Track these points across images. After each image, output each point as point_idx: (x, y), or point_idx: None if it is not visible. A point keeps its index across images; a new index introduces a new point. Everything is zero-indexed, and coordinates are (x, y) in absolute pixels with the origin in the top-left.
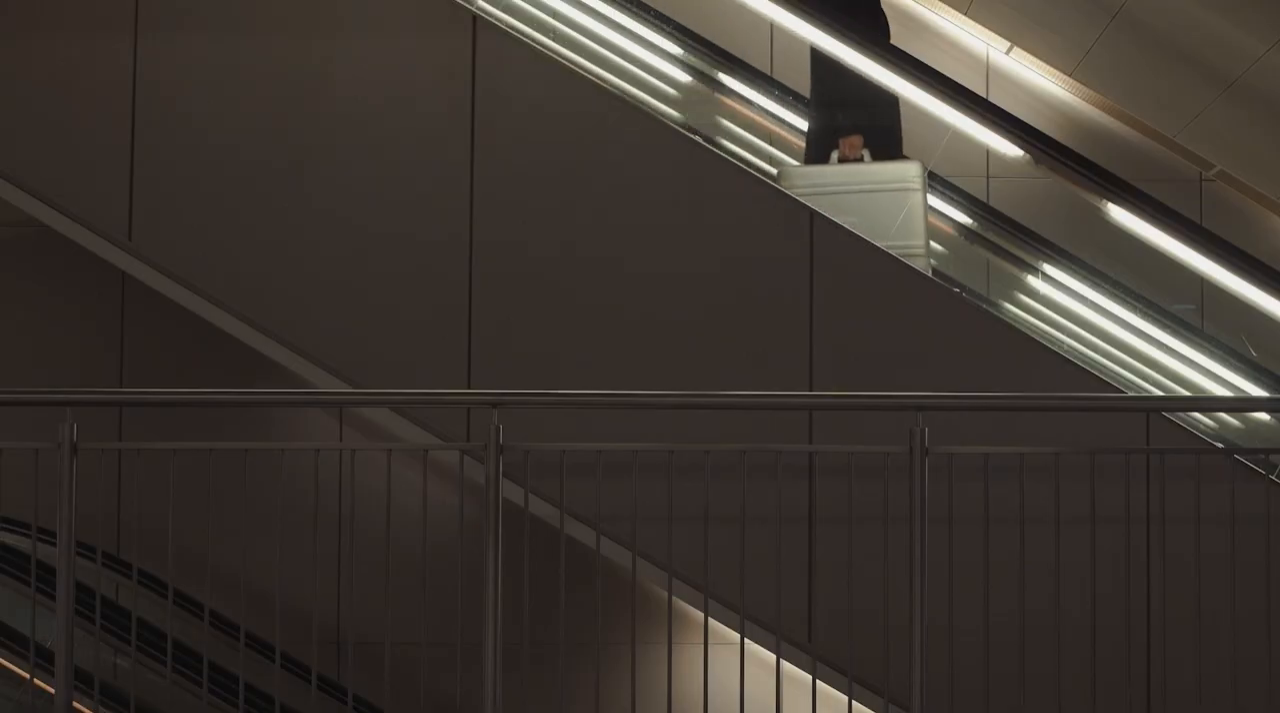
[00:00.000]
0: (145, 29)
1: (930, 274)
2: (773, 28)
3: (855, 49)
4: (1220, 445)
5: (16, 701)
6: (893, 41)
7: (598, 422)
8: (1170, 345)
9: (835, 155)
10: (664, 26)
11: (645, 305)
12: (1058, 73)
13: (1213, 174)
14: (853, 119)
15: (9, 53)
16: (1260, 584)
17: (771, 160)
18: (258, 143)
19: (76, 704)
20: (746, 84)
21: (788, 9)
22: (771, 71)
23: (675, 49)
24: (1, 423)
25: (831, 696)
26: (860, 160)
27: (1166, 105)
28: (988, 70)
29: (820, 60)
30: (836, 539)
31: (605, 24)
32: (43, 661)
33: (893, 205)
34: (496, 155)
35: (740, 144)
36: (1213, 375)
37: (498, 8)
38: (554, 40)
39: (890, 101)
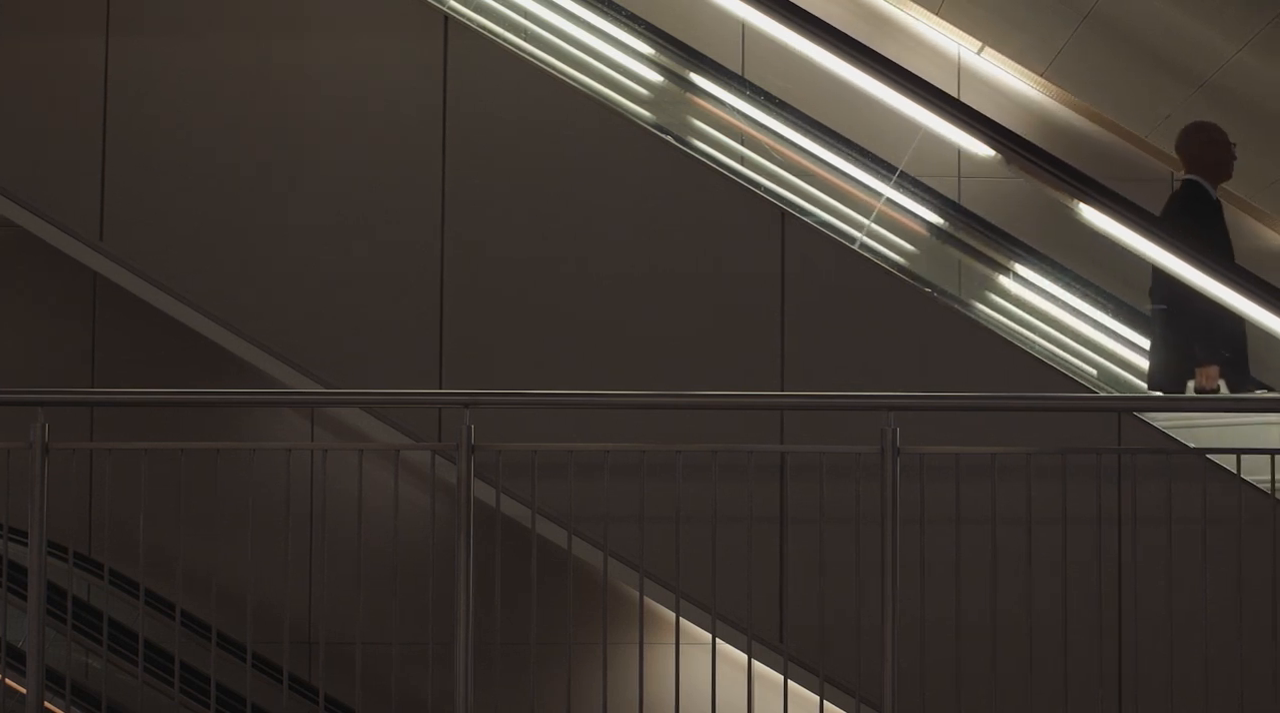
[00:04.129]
0: (116, 30)
1: None
2: (744, 27)
3: (826, 48)
4: (1191, 445)
5: None
6: (863, 41)
7: (569, 422)
8: (1141, 345)
9: (1191, 385)
10: (635, 26)
11: (617, 306)
12: (1029, 73)
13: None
14: (1208, 349)
15: None
16: (1231, 584)
17: (743, 160)
18: (229, 144)
19: (48, 705)
20: (718, 84)
21: (759, 9)
22: (743, 71)
23: (647, 49)
24: None
25: (803, 695)
26: (1217, 391)
27: (1137, 105)
28: (959, 70)
29: (1171, 285)
30: (808, 540)
31: (577, 24)
32: (14, 661)
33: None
34: (468, 156)
35: (712, 144)
36: None
37: (469, 8)
38: (526, 41)
39: (1240, 329)
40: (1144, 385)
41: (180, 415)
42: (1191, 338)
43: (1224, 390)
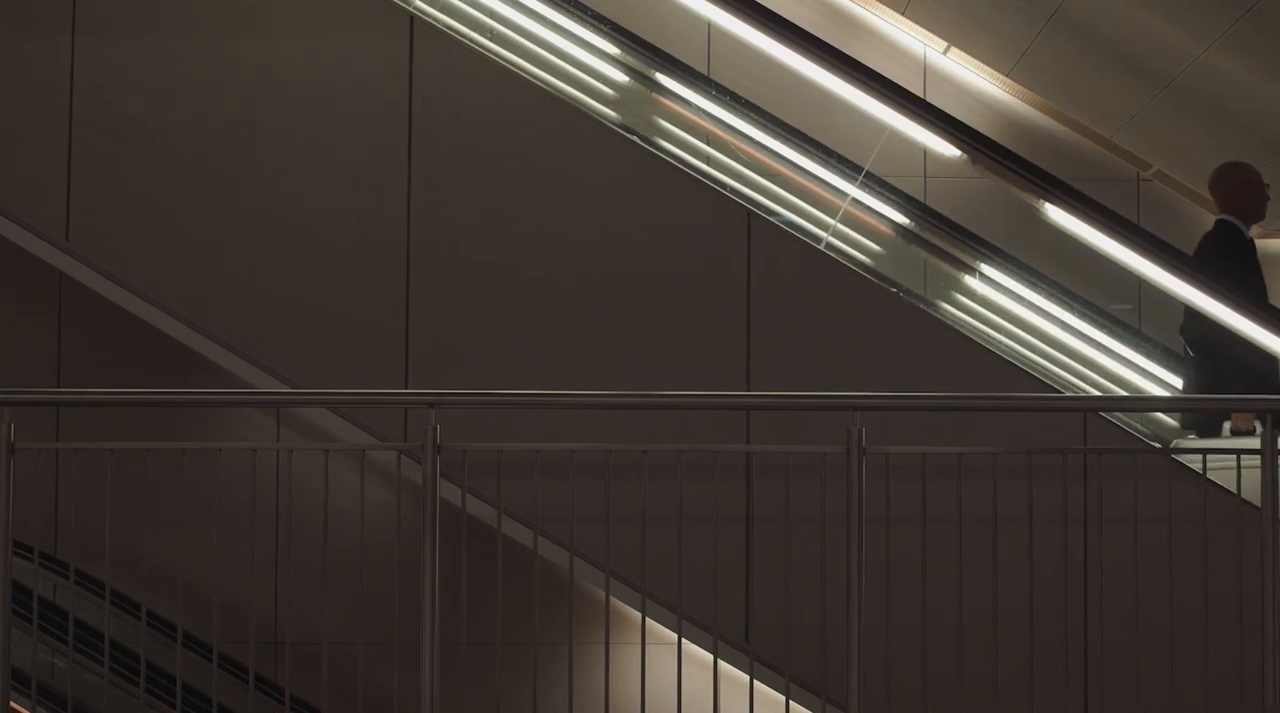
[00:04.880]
0: (83, 29)
1: None
2: (710, 28)
3: (792, 48)
4: (1157, 445)
5: None
6: (829, 41)
7: (535, 422)
8: (1108, 345)
9: (1228, 426)
10: (601, 26)
11: (583, 306)
12: (995, 73)
13: (1150, 174)
14: (1242, 389)
15: None
16: (1197, 583)
17: (709, 160)
18: (196, 144)
19: (14, 705)
20: (684, 84)
21: (725, 9)
22: (709, 71)
23: (612, 49)
24: None
25: (769, 696)
26: (1252, 432)
27: (1103, 105)
28: (925, 70)
29: (1203, 324)
30: (774, 540)
31: (543, 24)
32: None
33: None
34: (434, 156)
35: (677, 144)
36: (1150, 375)
37: (435, 8)
38: (492, 40)
39: (1274, 369)
40: (1111, 386)
41: (146, 416)
42: (1225, 378)
43: (1259, 430)
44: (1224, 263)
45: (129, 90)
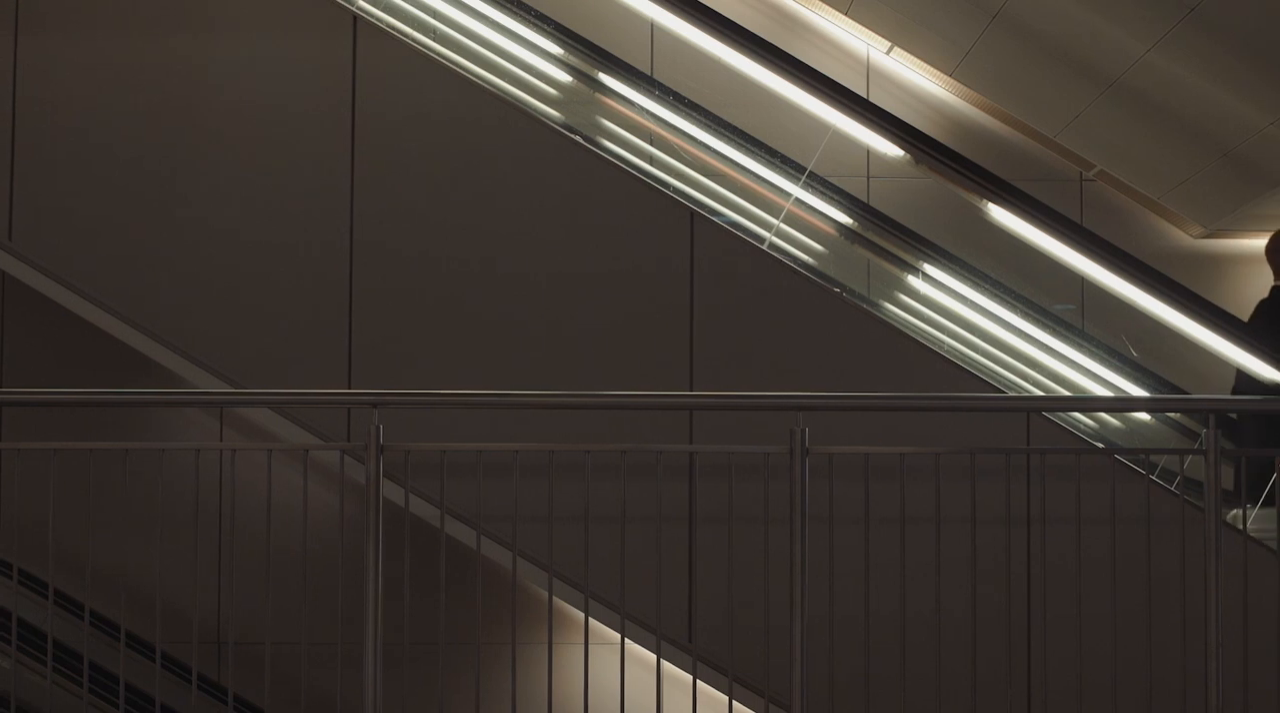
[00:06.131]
0: (26, 29)
1: None
2: (653, 27)
3: (735, 48)
4: (1100, 445)
5: None
6: (772, 41)
7: (478, 422)
8: (1051, 345)
9: None
10: (544, 26)
11: (526, 305)
12: (938, 73)
13: (1093, 174)
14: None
15: None
16: (1140, 583)
17: (652, 160)
18: (137, 144)
19: None
20: (627, 84)
21: (668, 8)
22: (652, 71)
23: (555, 49)
24: None
25: (712, 695)
26: None
27: (1046, 105)
28: (868, 70)
29: (1256, 390)
30: (717, 540)
31: (486, 24)
32: None
33: None
34: (377, 155)
35: (621, 144)
36: (1093, 375)
37: (378, 8)
38: (435, 40)
39: None
40: (1054, 386)
41: (90, 416)
42: (1275, 442)
43: None
44: (1277, 329)
45: (71, 90)
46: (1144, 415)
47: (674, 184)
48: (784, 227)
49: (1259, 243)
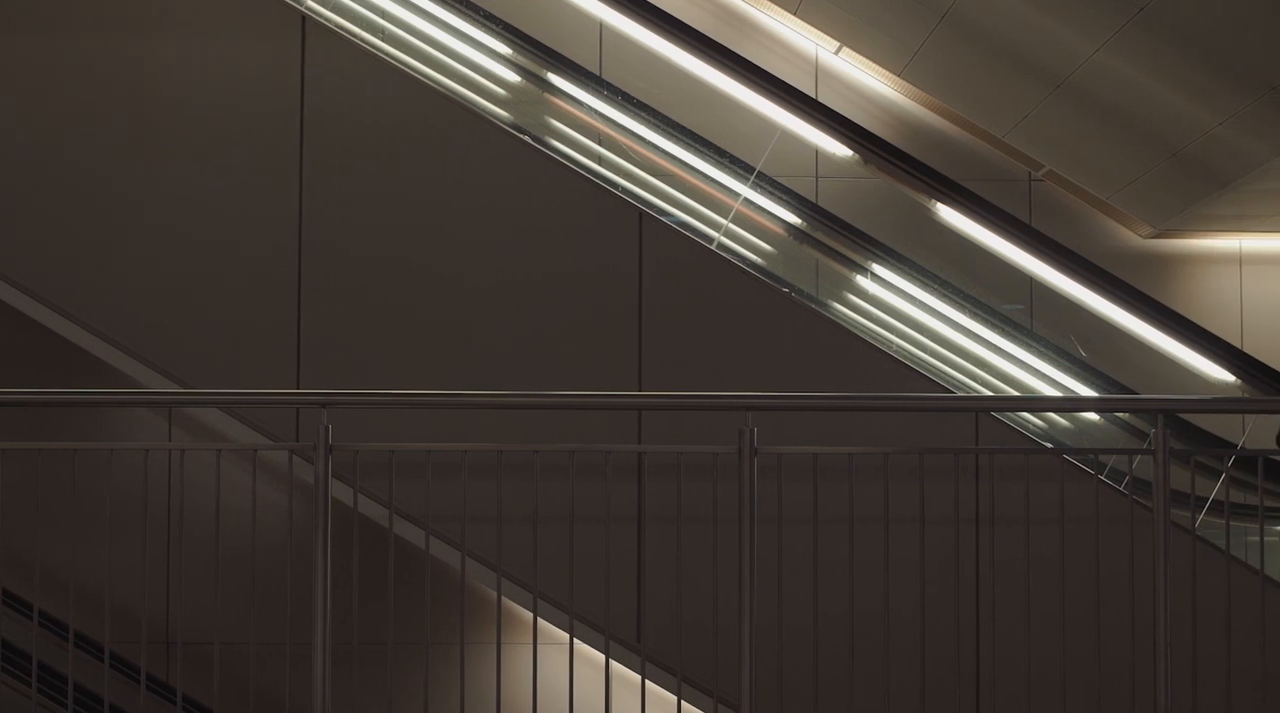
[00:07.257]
0: None
1: None
2: (602, 27)
3: (684, 48)
4: (1049, 445)
5: None
6: (720, 41)
7: (427, 422)
8: (999, 345)
9: None
10: (493, 26)
11: (475, 306)
12: (887, 73)
13: (1041, 174)
14: None
15: None
16: (1089, 583)
17: (601, 160)
18: (82, 144)
19: None
20: (576, 84)
21: (616, 8)
22: (601, 71)
23: (504, 49)
24: None
25: (661, 696)
26: None
27: (995, 105)
28: (817, 70)
29: None
30: (666, 540)
31: (435, 24)
32: None
33: None
34: (325, 156)
35: (569, 144)
36: (1042, 375)
37: (327, 8)
38: (384, 41)
39: None
40: (1003, 386)
41: (38, 416)
42: None
43: None
44: None
45: (14, 89)
46: (1093, 415)
47: (623, 184)
48: (733, 227)
49: (1208, 243)
